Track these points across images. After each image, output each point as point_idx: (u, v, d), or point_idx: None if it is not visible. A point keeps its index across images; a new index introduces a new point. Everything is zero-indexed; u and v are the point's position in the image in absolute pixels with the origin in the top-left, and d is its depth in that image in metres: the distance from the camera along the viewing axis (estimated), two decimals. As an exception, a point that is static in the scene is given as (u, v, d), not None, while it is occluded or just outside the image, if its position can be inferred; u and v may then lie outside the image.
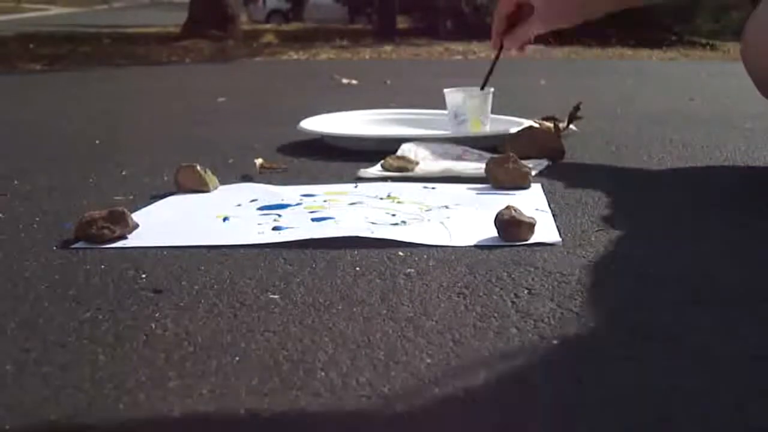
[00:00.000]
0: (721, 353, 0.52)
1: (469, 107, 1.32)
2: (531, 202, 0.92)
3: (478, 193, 0.98)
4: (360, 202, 0.93)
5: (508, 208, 0.77)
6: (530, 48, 1.30)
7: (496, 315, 0.59)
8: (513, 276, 0.68)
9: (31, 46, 5.46)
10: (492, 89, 1.34)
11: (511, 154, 1.04)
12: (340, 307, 0.61)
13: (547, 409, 0.45)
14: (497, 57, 1.30)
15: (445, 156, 1.18)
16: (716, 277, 0.67)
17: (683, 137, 1.44)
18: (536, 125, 1.32)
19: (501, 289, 0.65)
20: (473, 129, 1.32)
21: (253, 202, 0.95)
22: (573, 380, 0.48)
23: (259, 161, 1.17)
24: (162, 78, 3.33)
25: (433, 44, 5.96)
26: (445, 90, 1.35)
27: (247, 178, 1.10)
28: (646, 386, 0.47)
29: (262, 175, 1.12)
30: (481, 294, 0.64)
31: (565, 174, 1.11)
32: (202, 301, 0.63)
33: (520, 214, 0.77)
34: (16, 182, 1.11)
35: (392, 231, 0.80)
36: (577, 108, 1.46)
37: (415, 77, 3.18)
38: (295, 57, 4.86)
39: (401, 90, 2.58)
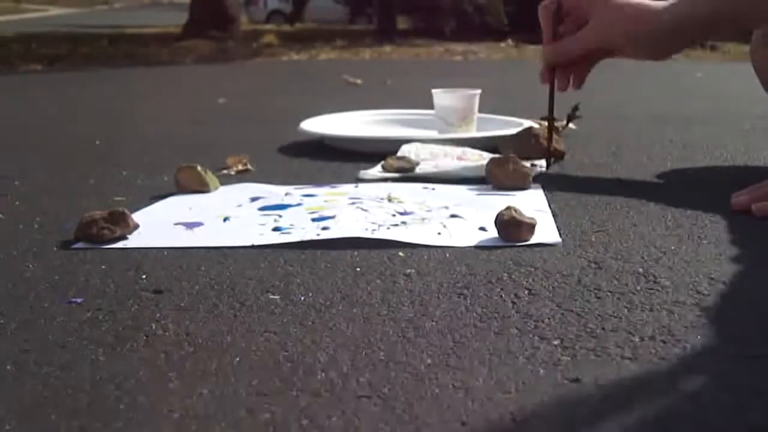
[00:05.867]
0: (721, 354, 0.52)
1: (456, 108, 1.32)
2: (531, 202, 0.92)
3: (478, 194, 0.98)
4: (360, 203, 0.93)
5: (508, 208, 0.77)
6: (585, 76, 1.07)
7: (496, 315, 0.59)
8: (513, 276, 0.68)
9: (32, 46, 5.45)
10: (479, 90, 1.34)
11: (512, 154, 1.04)
12: (340, 308, 0.61)
13: (547, 410, 0.45)
14: (551, 88, 1.08)
15: (445, 157, 1.18)
16: (716, 277, 0.67)
17: (683, 137, 1.44)
18: (536, 125, 1.32)
19: (501, 289, 0.65)
20: (460, 130, 1.32)
21: (253, 202, 0.95)
22: (573, 380, 0.48)
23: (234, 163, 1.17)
24: (162, 78, 3.33)
25: (433, 45, 5.96)
26: (433, 90, 1.36)
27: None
28: (646, 386, 0.47)
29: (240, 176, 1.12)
30: (481, 294, 0.64)
31: (565, 174, 1.11)
32: (203, 301, 0.63)
33: (521, 214, 0.77)
34: (16, 182, 1.11)
35: (392, 232, 0.80)
36: (575, 108, 1.46)
37: (416, 78, 3.18)
38: (296, 57, 4.86)
39: (401, 90, 2.58)
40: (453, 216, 0.87)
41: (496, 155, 1.08)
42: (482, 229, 0.81)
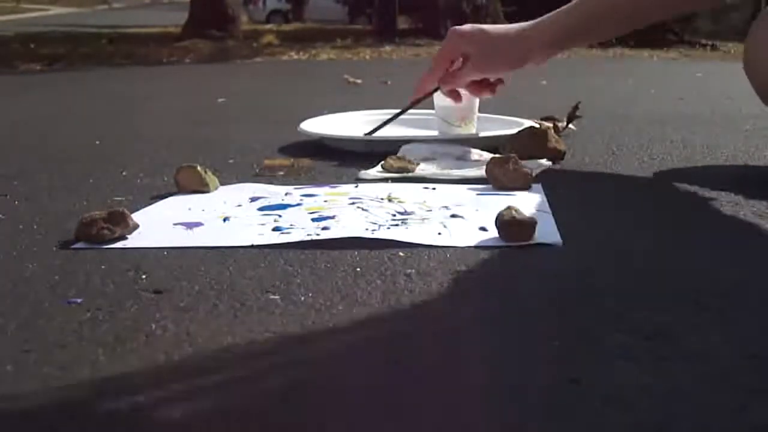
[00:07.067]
0: (721, 353, 0.52)
1: (456, 108, 1.32)
2: (531, 202, 0.92)
3: (478, 194, 0.98)
4: (360, 203, 0.93)
5: (508, 208, 0.77)
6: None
7: (496, 315, 0.59)
8: (513, 276, 0.68)
9: (32, 46, 5.46)
10: None
11: (512, 154, 1.04)
12: (340, 308, 0.61)
13: (547, 410, 0.45)
14: (414, 102, 1.27)
15: (445, 157, 1.18)
16: (716, 276, 0.67)
17: (683, 137, 1.44)
18: (536, 125, 1.32)
19: (501, 289, 0.65)
20: (460, 130, 1.32)
21: (253, 202, 0.95)
22: (573, 380, 0.48)
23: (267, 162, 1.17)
24: (162, 78, 3.33)
25: (434, 44, 5.95)
26: None
27: (247, 179, 1.10)
28: (646, 386, 0.47)
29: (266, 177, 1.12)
30: (481, 294, 0.64)
31: (565, 174, 1.11)
32: (203, 301, 0.63)
33: (521, 214, 0.77)
34: (16, 182, 1.11)
35: (393, 232, 0.80)
36: (576, 108, 1.46)
37: (416, 78, 3.18)
38: (296, 57, 4.86)
39: (401, 90, 2.58)
40: (453, 216, 0.87)
41: (496, 155, 1.08)
42: (482, 229, 0.81)
